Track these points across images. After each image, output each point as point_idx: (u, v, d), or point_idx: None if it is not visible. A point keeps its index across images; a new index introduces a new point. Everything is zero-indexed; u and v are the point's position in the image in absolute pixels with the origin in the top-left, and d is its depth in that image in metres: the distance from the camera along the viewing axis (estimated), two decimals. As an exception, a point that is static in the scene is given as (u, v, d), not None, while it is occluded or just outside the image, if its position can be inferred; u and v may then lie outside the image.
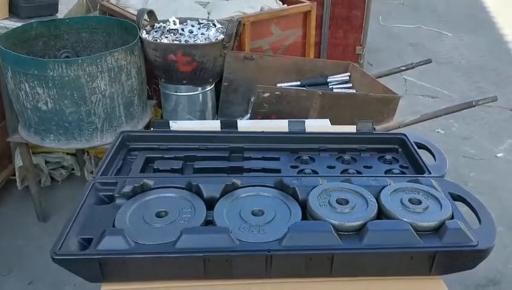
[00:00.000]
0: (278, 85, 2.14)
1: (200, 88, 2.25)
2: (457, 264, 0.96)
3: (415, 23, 5.17)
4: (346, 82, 2.22)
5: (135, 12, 2.63)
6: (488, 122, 3.22)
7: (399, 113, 2.13)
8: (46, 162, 2.62)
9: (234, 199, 1.07)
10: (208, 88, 2.28)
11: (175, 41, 2.12)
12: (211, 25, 2.28)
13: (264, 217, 1.01)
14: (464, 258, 0.95)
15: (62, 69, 1.89)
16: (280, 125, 1.52)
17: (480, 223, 1.01)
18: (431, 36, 4.85)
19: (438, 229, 0.97)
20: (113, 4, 2.86)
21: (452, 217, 0.99)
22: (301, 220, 1.01)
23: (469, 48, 4.52)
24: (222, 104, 2.28)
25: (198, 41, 2.13)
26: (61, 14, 2.72)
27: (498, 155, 2.85)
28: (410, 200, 1.03)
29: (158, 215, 1.01)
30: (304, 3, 3.00)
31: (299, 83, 2.24)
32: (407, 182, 1.11)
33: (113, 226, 0.99)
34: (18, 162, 2.37)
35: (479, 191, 2.42)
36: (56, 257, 0.92)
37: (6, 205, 2.48)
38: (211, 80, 2.25)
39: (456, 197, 1.09)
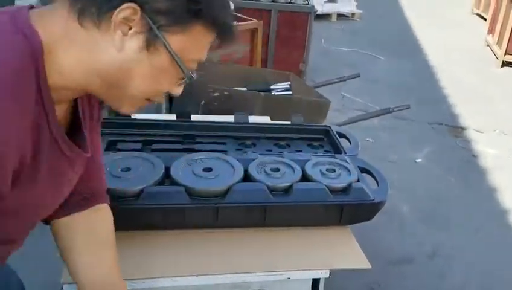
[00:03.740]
0: (226, 90, 2.41)
1: (155, 91, 2.46)
2: (359, 215, 1.25)
3: (352, 47, 5.67)
4: (287, 90, 2.53)
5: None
6: (410, 133, 3.66)
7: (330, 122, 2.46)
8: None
9: (187, 159, 1.30)
10: (163, 91, 2.50)
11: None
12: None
13: (212, 173, 1.25)
14: (364, 209, 1.24)
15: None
16: (227, 119, 1.77)
17: (378, 185, 1.32)
18: (366, 59, 5.35)
19: (346, 190, 1.26)
20: None
21: (358, 181, 1.29)
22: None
23: (398, 70, 5.05)
24: (175, 105, 2.50)
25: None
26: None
27: (417, 161, 3.26)
28: (327, 169, 1.32)
29: (123, 170, 1.22)
30: (252, 22, 3.32)
31: (245, 89, 2.51)
32: (326, 158, 1.40)
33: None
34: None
35: (399, 189, 2.78)
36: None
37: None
38: (165, 83, 2.46)
39: (363, 170, 1.39)
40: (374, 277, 2.06)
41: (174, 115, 1.69)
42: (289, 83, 2.60)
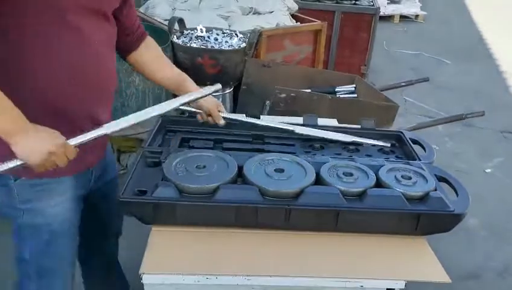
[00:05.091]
0: (291, 91, 2.40)
1: (220, 90, 2.50)
2: (437, 226, 1.20)
3: (416, 50, 5.48)
4: (352, 92, 2.48)
5: (162, 21, 2.91)
6: (479, 141, 3.48)
7: (396, 127, 2.38)
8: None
9: (260, 159, 1.32)
10: (228, 90, 2.54)
11: (202, 46, 2.39)
12: (234, 34, 2.56)
13: (284, 174, 1.25)
14: (442, 220, 1.19)
15: (104, 63, 2.15)
16: (296, 121, 1.75)
17: (457, 196, 1.26)
18: (431, 63, 5.15)
19: (423, 198, 1.21)
20: (141, 12, 3.14)
21: (435, 190, 1.24)
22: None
23: (466, 74, 4.82)
24: (240, 105, 2.53)
25: (223, 48, 2.40)
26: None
27: (487, 171, 3.10)
28: (402, 176, 1.27)
29: (198, 167, 1.24)
30: (316, 23, 3.29)
31: (309, 91, 2.49)
32: (401, 164, 1.36)
33: (163, 178, 1.22)
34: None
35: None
36: (121, 199, 1.15)
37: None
38: (231, 82, 2.51)
39: (440, 178, 1.33)
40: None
41: (244, 115, 1.70)
42: (354, 85, 2.56)
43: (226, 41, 2.47)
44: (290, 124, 1.63)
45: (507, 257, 2.27)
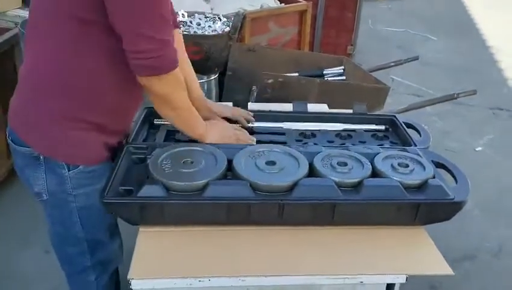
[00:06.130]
0: (278, 75, 2.32)
1: (205, 77, 2.41)
2: (437, 215, 1.16)
3: (402, 27, 5.42)
4: (340, 74, 2.41)
5: (142, 6, 2.78)
6: (468, 119, 3.46)
7: (386, 109, 2.33)
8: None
9: (250, 151, 1.25)
10: (213, 77, 2.45)
11: (184, 32, 2.28)
12: (217, 18, 2.46)
13: (276, 167, 1.19)
14: (442, 209, 1.14)
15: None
16: (285, 108, 1.70)
17: (456, 183, 1.21)
18: (417, 40, 5.10)
19: (422, 187, 1.17)
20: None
21: (434, 178, 1.19)
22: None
23: (453, 51, 4.78)
24: (226, 92, 2.45)
25: (206, 33, 2.30)
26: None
27: (477, 149, 3.08)
28: (399, 164, 1.22)
29: (185, 163, 1.18)
30: (301, 3, 3.20)
31: (297, 74, 2.42)
32: (397, 151, 1.31)
33: (149, 175, 1.15)
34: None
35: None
36: (105, 201, 1.08)
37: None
38: (216, 69, 2.42)
39: (437, 164, 1.29)
40: (435, 274, 1.96)
41: (231, 103, 1.63)
42: (343, 67, 2.49)
43: (209, 26, 2.37)
44: (280, 112, 1.58)
45: (501, 237, 2.26)
